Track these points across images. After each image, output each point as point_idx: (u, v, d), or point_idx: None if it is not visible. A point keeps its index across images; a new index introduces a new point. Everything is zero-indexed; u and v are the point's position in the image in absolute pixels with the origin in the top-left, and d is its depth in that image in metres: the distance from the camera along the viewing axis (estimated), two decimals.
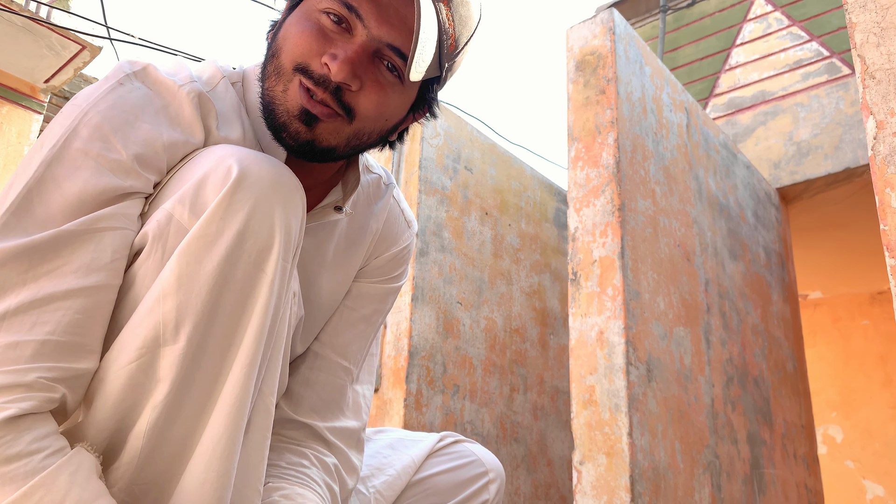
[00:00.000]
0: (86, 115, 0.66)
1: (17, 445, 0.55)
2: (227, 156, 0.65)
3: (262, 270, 0.64)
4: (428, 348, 2.46)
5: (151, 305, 0.61)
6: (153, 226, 0.64)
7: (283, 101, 0.72)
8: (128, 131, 0.66)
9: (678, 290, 2.11)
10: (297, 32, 0.72)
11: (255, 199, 0.63)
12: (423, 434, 1.00)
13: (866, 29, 1.13)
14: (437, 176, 2.69)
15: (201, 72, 0.75)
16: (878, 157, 1.07)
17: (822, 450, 4.68)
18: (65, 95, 6.30)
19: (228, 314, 0.63)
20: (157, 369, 0.61)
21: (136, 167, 0.66)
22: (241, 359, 0.63)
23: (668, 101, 2.36)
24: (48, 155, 0.64)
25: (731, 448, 2.18)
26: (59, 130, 0.66)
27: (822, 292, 4.95)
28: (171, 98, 0.70)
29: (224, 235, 0.62)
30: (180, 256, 0.62)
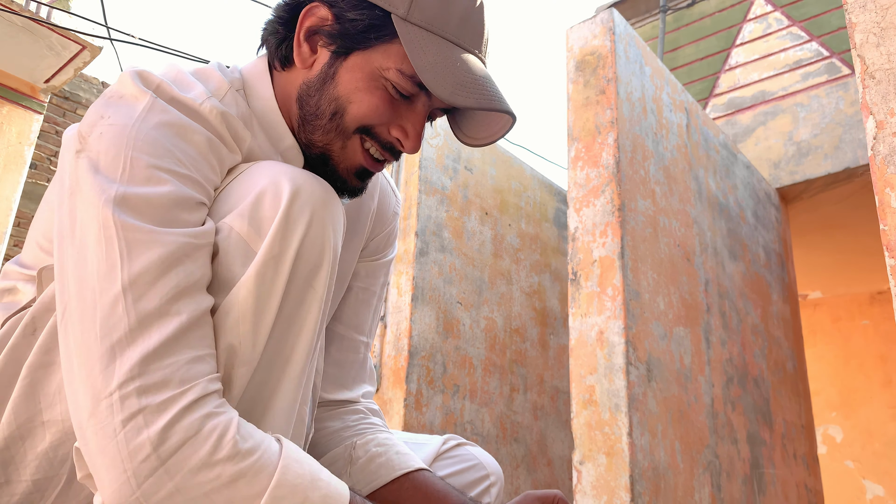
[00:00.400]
0: (139, 131, 0.64)
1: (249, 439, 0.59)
2: (281, 173, 0.67)
3: (313, 287, 0.67)
4: (428, 348, 2.46)
5: (231, 328, 0.63)
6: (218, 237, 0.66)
7: (343, 159, 0.77)
8: (185, 147, 0.67)
9: (678, 290, 2.11)
10: (367, 101, 0.74)
11: (309, 218, 0.66)
12: (427, 436, 1.02)
13: (866, 29, 1.13)
14: (437, 176, 2.69)
15: (207, 81, 0.75)
16: (878, 157, 1.07)
17: (822, 450, 4.69)
18: (65, 95, 6.30)
19: (285, 328, 0.66)
20: (230, 386, 0.64)
21: (203, 181, 0.67)
22: (291, 372, 0.67)
23: (668, 101, 2.36)
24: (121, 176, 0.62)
25: (731, 448, 2.18)
26: (114, 150, 0.63)
27: (822, 292, 4.96)
28: (197, 117, 0.70)
29: (286, 255, 0.65)
30: (256, 278, 0.64)
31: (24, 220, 5.97)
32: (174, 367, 0.57)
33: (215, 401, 0.59)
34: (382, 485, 0.83)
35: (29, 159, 4.29)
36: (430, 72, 0.70)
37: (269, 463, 0.58)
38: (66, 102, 6.39)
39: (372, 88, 0.73)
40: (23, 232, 5.95)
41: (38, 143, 6.09)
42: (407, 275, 2.49)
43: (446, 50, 0.72)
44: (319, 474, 0.61)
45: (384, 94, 0.74)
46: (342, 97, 0.74)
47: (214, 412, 0.58)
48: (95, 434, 0.56)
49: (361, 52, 0.74)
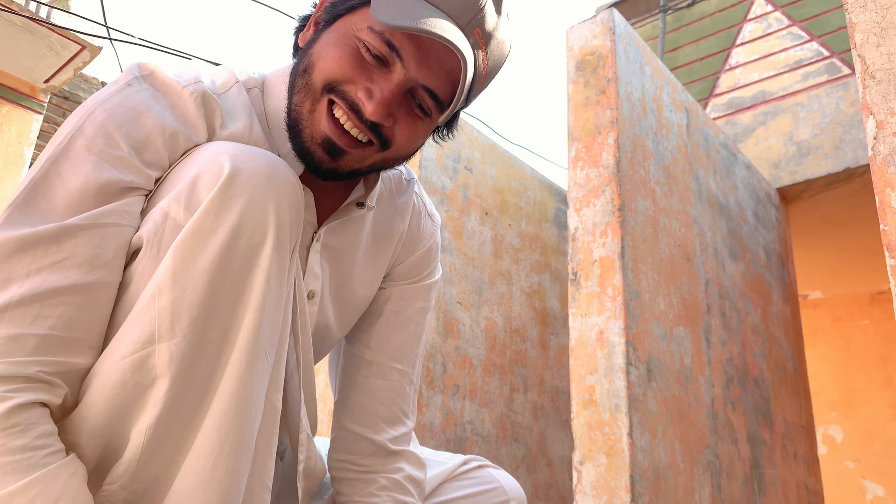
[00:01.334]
0: (92, 113, 0.67)
1: (24, 437, 0.56)
2: (221, 152, 0.65)
3: (257, 264, 0.64)
4: (428, 348, 2.46)
5: (147, 302, 0.62)
6: (149, 225, 0.65)
7: (310, 125, 0.73)
8: (130, 128, 0.67)
9: (678, 290, 2.11)
10: (334, 55, 0.72)
11: (248, 195, 0.63)
12: (449, 455, 0.99)
13: (866, 29, 1.13)
14: (437, 176, 2.69)
15: (214, 76, 0.76)
16: (878, 157, 1.07)
17: (822, 450, 4.68)
18: (65, 95, 6.30)
19: (224, 309, 0.63)
20: (154, 366, 0.61)
21: (138, 163, 0.67)
22: (238, 353, 0.63)
23: (668, 101, 2.36)
24: (54, 152, 0.66)
25: (731, 448, 2.18)
26: (66, 129, 0.67)
27: (822, 292, 4.95)
28: (175, 98, 0.71)
29: (218, 231, 0.62)
30: (175, 252, 0.62)
31: None
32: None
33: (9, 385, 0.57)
34: None
35: (29, 159, 4.30)
36: (381, 4, 0.69)
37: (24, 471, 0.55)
38: (66, 102, 6.39)
39: (342, 44, 0.73)
40: None
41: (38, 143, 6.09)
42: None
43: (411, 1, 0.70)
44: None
45: (353, 50, 0.73)
46: (314, 54, 0.75)
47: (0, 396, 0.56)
48: None
49: (344, 17, 0.75)
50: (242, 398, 0.64)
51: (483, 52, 0.74)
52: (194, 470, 0.62)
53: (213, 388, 0.63)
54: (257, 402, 0.66)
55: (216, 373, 0.63)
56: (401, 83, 0.72)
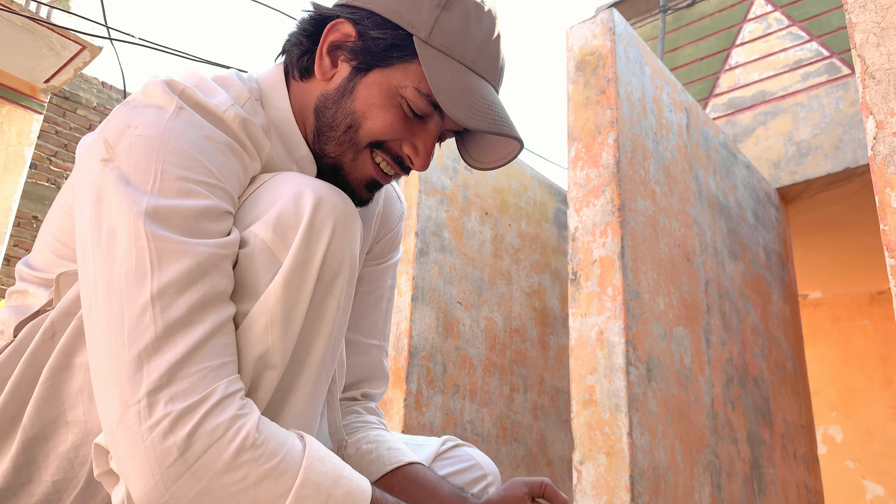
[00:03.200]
0: (167, 143, 0.65)
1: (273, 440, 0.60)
2: (304, 184, 0.70)
3: (332, 293, 0.70)
4: (428, 348, 2.46)
5: (260, 334, 0.65)
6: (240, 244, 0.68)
7: (353, 171, 0.79)
8: (213, 157, 0.68)
9: (678, 290, 2.11)
10: (383, 117, 0.76)
11: (332, 228, 0.68)
12: (425, 438, 1.04)
13: (866, 29, 1.13)
14: (437, 176, 2.69)
15: (228, 89, 0.76)
16: (878, 157, 1.07)
17: (822, 450, 4.68)
18: (65, 95, 6.30)
19: (305, 336, 0.68)
20: (258, 389, 0.66)
21: (230, 190, 0.69)
22: (307, 376, 0.69)
23: (668, 101, 2.36)
24: (152, 188, 0.63)
25: (731, 448, 2.18)
26: (144, 162, 0.64)
27: (822, 292, 4.95)
28: (223, 124, 0.71)
29: (311, 263, 0.67)
30: (284, 286, 0.65)
31: (24, 220, 5.96)
32: (199, 375, 0.59)
33: (237, 402, 0.60)
34: (374, 480, 0.84)
35: (29, 159, 4.29)
36: (446, 93, 0.73)
37: (294, 462, 0.60)
38: (66, 102, 6.38)
39: (388, 105, 0.76)
40: (23, 232, 5.95)
41: (38, 143, 6.08)
42: (407, 275, 2.49)
43: (463, 74, 0.75)
44: (342, 471, 0.63)
45: (399, 111, 0.76)
46: (358, 111, 0.77)
47: (238, 414, 0.60)
48: (125, 440, 0.58)
49: (381, 69, 0.76)
50: (306, 419, 0.70)
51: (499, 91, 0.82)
52: None
53: (287, 408, 0.69)
54: (315, 420, 0.72)
55: (290, 394, 0.69)
56: (437, 133, 0.80)
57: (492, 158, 0.83)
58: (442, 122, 0.79)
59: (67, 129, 6.35)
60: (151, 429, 0.57)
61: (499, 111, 0.75)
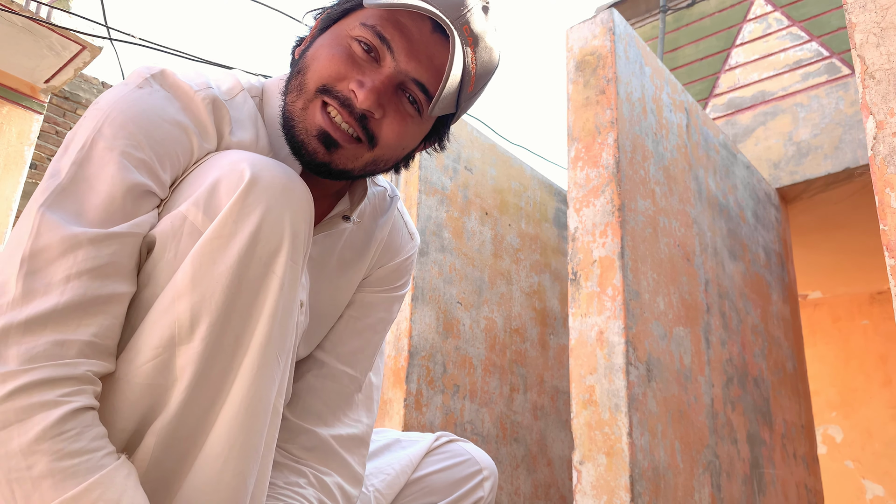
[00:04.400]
0: (108, 115, 0.67)
1: (81, 440, 0.57)
2: (240, 160, 0.67)
3: (272, 271, 0.66)
4: (428, 348, 2.46)
5: (167, 305, 0.62)
6: (166, 226, 0.65)
7: (303, 119, 0.74)
8: (151, 130, 0.67)
9: (678, 290, 2.11)
10: (326, 55, 0.75)
11: (266, 203, 0.65)
12: (419, 434, 1.03)
13: (866, 29, 1.13)
14: (436, 176, 2.69)
15: (220, 81, 0.77)
16: (877, 157, 1.07)
17: (822, 450, 4.68)
18: (65, 95, 6.30)
19: (240, 313, 0.64)
20: (174, 368, 0.62)
21: (158, 167, 0.67)
22: (251, 358, 0.65)
23: (668, 101, 2.36)
24: (77, 156, 0.65)
25: (730, 448, 2.18)
26: (85, 132, 0.67)
27: (822, 292, 4.95)
28: (188, 101, 0.71)
29: (237, 237, 0.63)
30: (194, 257, 0.63)
31: None
32: (33, 344, 0.57)
33: (65, 388, 0.57)
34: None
35: (29, 159, 4.29)
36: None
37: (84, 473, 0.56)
38: (66, 102, 6.39)
39: (335, 45, 0.75)
40: None
41: (38, 143, 6.09)
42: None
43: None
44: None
45: (346, 49, 0.75)
46: (308, 56, 0.77)
47: (56, 401, 0.56)
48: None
49: (337, 23, 0.78)
50: (252, 403, 0.65)
51: (472, 50, 0.74)
52: (203, 471, 0.63)
53: (225, 391, 0.64)
54: (266, 407, 0.67)
55: (228, 377, 0.64)
56: (391, 75, 0.73)
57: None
58: (395, 63, 0.74)
59: (67, 130, 6.35)
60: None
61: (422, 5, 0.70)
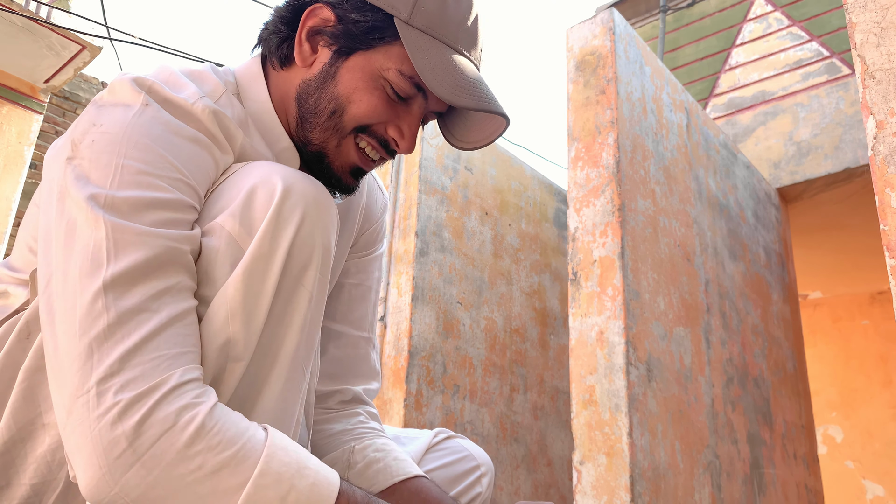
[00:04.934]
0: (130, 138, 0.64)
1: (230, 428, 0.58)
2: (272, 172, 0.68)
3: (303, 284, 0.68)
4: (428, 348, 2.46)
5: (221, 325, 0.64)
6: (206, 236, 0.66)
7: (337, 157, 0.78)
8: (177, 152, 0.66)
9: (678, 290, 2.11)
10: (367, 101, 0.76)
11: (300, 217, 0.66)
12: (417, 431, 1.04)
13: (866, 29, 1.13)
14: (436, 176, 2.69)
15: (201, 83, 0.75)
16: (878, 157, 1.07)
17: (822, 450, 4.68)
18: (65, 95, 6.30)
19: (274, 326, 0.67)
20: (222, 382, 0.64)
21: (195, 185, 0.67)
22: (279, 369, 0.67)
23: (668, 101, 2.36)
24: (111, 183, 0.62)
25: (731, 448, 2.18)
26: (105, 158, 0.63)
27: (822, 292, 4.95)
28: (188, 116, 0.70)
29: (276, 254, 0.65)
30: (244, 276, 0.64)
31: None
32: (152, 364, 0.57)
33: (193, 391, 0.58)
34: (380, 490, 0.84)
35: (29, 159, 4.29)
36: (431, 72, 0.72)
37: (253, 451, 0.58)
38: (66, 102, 6.39)
39: (372, 88, 0.76)
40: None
41: (38, 143, 6.09)
42: (407, 275, 2.49)
43: (445, 53, 0.74)
44: (307, 462, 0.60)
45: (383, 94, 0.76)
46: (342, 96, 0.76)
47: (192, 403, 0.57)
48: (73, 431, 0.56)
49: (363, 52, 0.76)
50: (280, 414, 0.68)
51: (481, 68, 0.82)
52: None
53: (258, 402, 0.67)
54: (291, 417, 0.70)
55: (260, 387, 0.67)
56: (420, 115, 0.79)
57: (477, 137, 0.81)
58: (425, 103, 0.78)
59: (67, 129, 6.36)
60: (100, 418, 0.55)
61: (483, 88, 0.75)
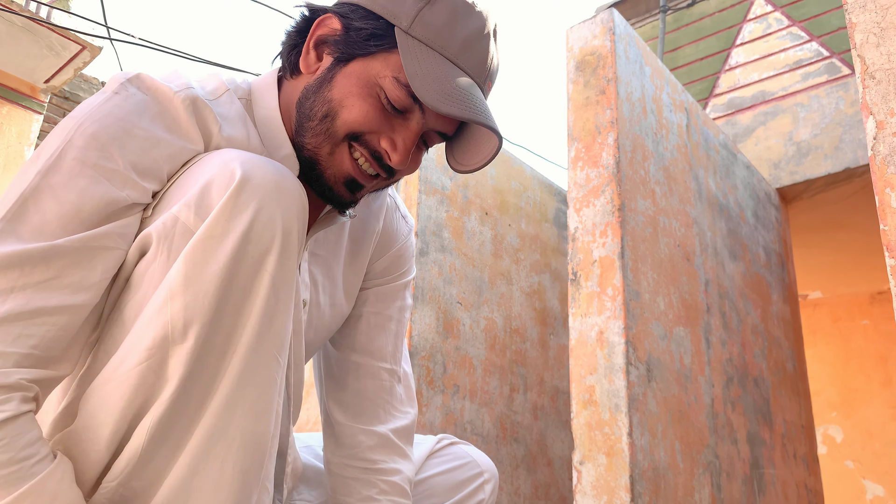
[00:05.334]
0: (81, 125, 0.66)
1: (10, 450, 0.56)
2: (231, 159, 0.66)
3: (264, 269, 0.65)
4: (428, 348, 2.46)
5: (159, 306, 0.62)
6: (158, 228, 0.65)
7: (330, 165, 0.77)
8: (125, 140, 0.66)
9: (678, 290, 2.11)
10: (359, 107, 0.75)
11: (258, 202, 0.64)
12: (420, 436, 1.03)
13: (866, 29, 1.13)
14: (436, 176, 2.69)
15: (203, 82, 0.76)
16: (878, 157, 1.07)
17: (822, 450, 4.68)
18: (65, 95, 6.30)
19: (231, 312, 0.64)
20: (167, 368, 0.62)
21: (134, 177, 0.66)
22: (239, 356, 0.64)
23: (668, 101, 2.36)
24: (44, 165, 0.64)
25: (731, 448, 2.18)
26: (56, 141, 0.66)
27: (822, 292, 4.95)
28: (166, 104, 0.70)
29: (229, 237, 0.63)
30: (187, 257, 0.62)
31: None
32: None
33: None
34: None
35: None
36: (420, 78, 0.72)
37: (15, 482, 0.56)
38: (66, 102, 6.39)
39: (365, 95, 0.75)
40: None
41: (38, 143, 6.09)
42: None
43: (441, 64, 0.74)
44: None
45: (377, 102, 0.75)
46: (335, 100, 0.76)
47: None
48: None
49: (361, 59, 0.76)
50: (248, 402, 0.65)
51: (488, 93, 0.81)
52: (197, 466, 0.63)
53: (214, 390, 0.63)
54: (265, 407, 0.67)
55: (218, 375, 0.64)
56: (418, 131, 0.77)
57: (475, 159, 0.80)
58: (423, 118, 0.77)
59: None
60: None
61: (475, 102, 0.73)
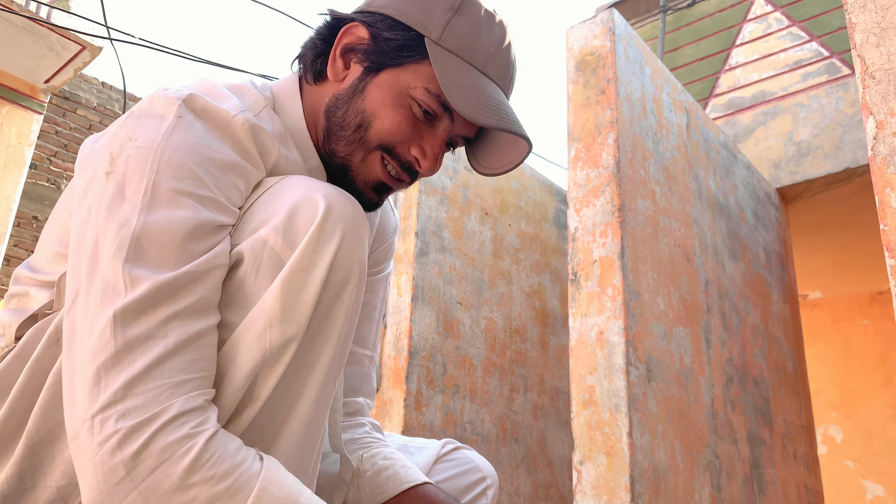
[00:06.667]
0: (163, 154, 0.66)
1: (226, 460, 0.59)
2: (313, 188, 0.70)
3: (341, 299, 0.69)
4: (428, 348, 2.46)
5: (259, 334, 0.65)
6: (247, 248, 0.67)
7: (362, 171, 0.80)
8: (208, 166, 0.68)
9: (678, 290, 2.11)
10: (392, 117, 0.77)
11: (341, 233, 0.68)
12: (424, 440, 1.06)
13: (866, 29, 1.13)
14: (436, 176, 2.69)
15: (243, 96, 0.77)
16: (878, 157, 1.07)
17: (822, 450, 4.68)
18: (65, 95, 6.30)
19: (311, 339, 0.68)
20: (257, 387, 0.66)
21: (223, 200, 0.68)
22: (316, 380, 0.69)
23: (668, 101, 2.36)
24: (141, 201, 0.64)
25: (731, 448, 2.18)
26: (139, 174, 0.65)
27: (822, 292, 4.95)
28: (228, 129, 0.71)
29: (317, 267, 0.67)
30: (283, 287, 0.65)
31: (24, 221, 5.97)
32: (154, 392, 0.59)
33: (193, 420, 0.59)
34: (389, 497, 0.86)
35: (29, 159, 4.29)
36: (456, 90, 0.74)
37: (246, 485, 0.59)
38: (66, 102, 6.38)
39: (398, 106, 0.77)
40: (23, 232, 5.95)
41: (38, 143, 6.08)
42: (407, 275, 2.49)
43: (472, 74, 0.76)
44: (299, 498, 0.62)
45: (408, 112, 0.77)
46: (368, 111, 0.78)
47: (189, 434, 0.58)
48: (79, 455, 0.58)
49: (392, 69, 0.78)
50: (311, 425, 0.70)
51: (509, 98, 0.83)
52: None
53: (295, 407, 0.68)
54: (320, 426, 0.72)
55: (299, 394, 0.68)
56: (445, 137, 0.80)
57: (501, 163, 0.83)
58: (451, 125, 0.79)
59: (67, 130, 6.35)
60: (101, 444, 0.57)
61: (508, 111, 0.76)
